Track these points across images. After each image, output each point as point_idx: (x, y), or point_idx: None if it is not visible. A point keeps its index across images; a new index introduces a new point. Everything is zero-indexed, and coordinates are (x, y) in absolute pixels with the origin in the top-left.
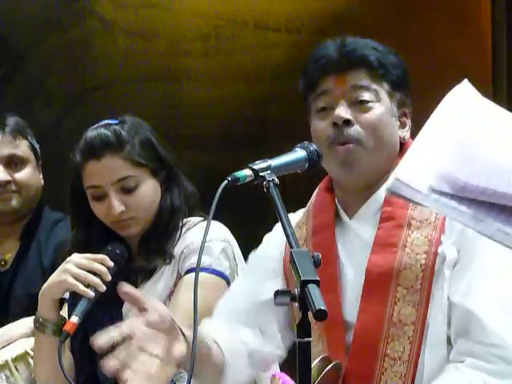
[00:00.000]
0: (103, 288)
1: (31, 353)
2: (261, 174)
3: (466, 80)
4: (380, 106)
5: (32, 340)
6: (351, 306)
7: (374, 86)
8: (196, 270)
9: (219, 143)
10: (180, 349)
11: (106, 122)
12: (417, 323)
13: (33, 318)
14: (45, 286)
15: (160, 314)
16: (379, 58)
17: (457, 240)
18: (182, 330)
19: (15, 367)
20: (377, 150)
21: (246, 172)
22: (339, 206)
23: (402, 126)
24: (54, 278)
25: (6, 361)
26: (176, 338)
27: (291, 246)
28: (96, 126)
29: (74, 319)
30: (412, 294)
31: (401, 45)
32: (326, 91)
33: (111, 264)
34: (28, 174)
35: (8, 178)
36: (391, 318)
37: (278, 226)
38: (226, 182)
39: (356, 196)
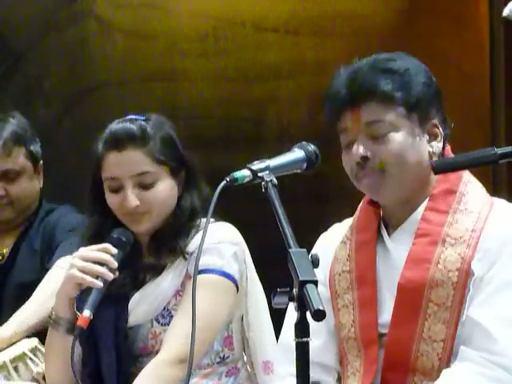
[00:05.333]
0: (110, 276)
1: (29, 354)
2: (259, 174)
3: None
4: (397, 133)
5: (31, 341)
6: (388, 324)
7: (387, 116)
8: (194, 271)
9: (217, 143)
10: None
11: (132, 116)
12: (446, 340)
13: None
14: (60, 285)
15: None
16: (390, 85)
17: (488, 258)
18: None
19: (14, 368)
20: (402, 175)
21: (245, 172)
22: (382, 223)
23: (434, 137)
24: (65, 276)
25: (4, 362)
26: None
27: (289, 246)
28: (122, 119)
29: (87, 313)
30: (443, 311)
31: (400, 46)
32: (345, 129)
33: (115, 251)
34: (22, 187)
35: (1, 192)
36: (421, 334)
37: (321, 241)
38: (224, 182)
39: (396, 215)
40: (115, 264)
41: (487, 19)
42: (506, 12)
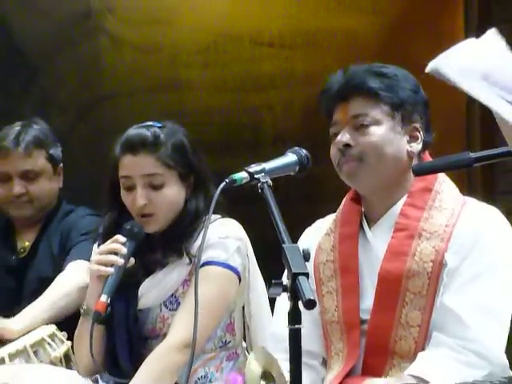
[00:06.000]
0: (121, 261)
1: (47, 339)
2: (256, 176)
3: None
4: (379, 127)
5: (49, 328)
6: (368, 310)
7: (372, 112)
8: (196, 268)
9: (217, 148)
10: None
11: (150, 123)
12: (421, 326)
13: None
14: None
15: None
16: (377, 84)
17: (461, 251)
18: None
19: (34, 352)
20: (379, 165)
21: (243, 174)
22: (364, 217)
23: (414, 139)
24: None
25: (25, 346)
26: None
27: (283, 242)
28: (140, 125)
29: (103, 298)
30: (419, 298)
31: (384, 58)
32: (335, 122)
33: (123, 239)
34: (41, 186)
35: (22, 190)
36: (399, 320)
37: (305, 235)
38: (224, 183)
39: (376, 209)
40: (124, 250)
41: (462, 33)
42: (428, 69)
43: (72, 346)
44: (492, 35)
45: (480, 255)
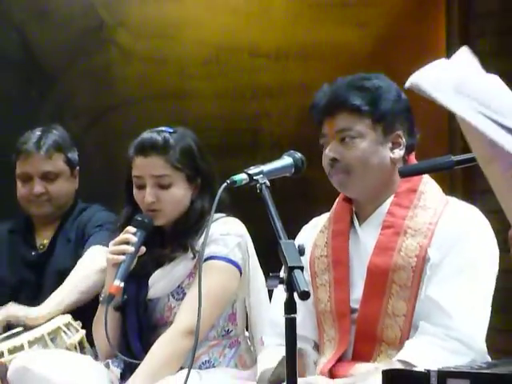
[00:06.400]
0: (131, 249)
1: (63, 328)
2: (255, 177)
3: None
4: (363, 140)
5: (64, 317)
6: (358, 300)
7: (356, 126)
8: (200, 258)
9: (219, 152)
10: None
11: (161, 128)
12: (406, 315)
13: None
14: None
15: None
16: (359, 100)
17: (443, 247)
18: None
19: (50, 339)
20: (365, 175)
21: (242, 176)
22: (354, 216)
23: (397, 145)
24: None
25: (42, 334)
26: None
27: (280, 238)
28: (152, 129)
29: (117, 282)
30: (404, 290)
31: (373, 68)
32: (324, 134)
33: (133, 230)
34: (59, 187)
35: (42, 190)
36: (386, 310)
37: (303, 231)
38: (225, 184)
39: (365, 209)
40: (134, 239)
41: (444, 47)
42: (407, 84)
43: (86, 334)
44: (463, 52)
45: (461, 251)
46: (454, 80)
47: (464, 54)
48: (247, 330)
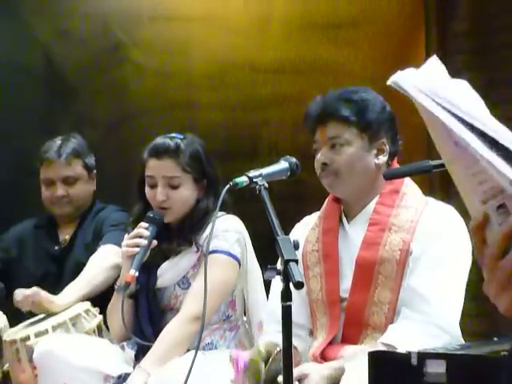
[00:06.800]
0: (144, 242)
1: (83, 314)
2: (254, 180)
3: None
4: (350, 147)
5: (84, 304)
6: (347, 290)
7: (345, 134)
8: (206, 252)
9: (222, 157)
10: None
11: (173, 134)
12: (391, 303)
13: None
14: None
15: None
16: (347, 111)
17: (424, 242)
18: None
19: (72, 324)
20: (351, 179)
21: (243, 178)
22: (343, 214)
23: (381, 152)
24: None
25: (64, 320)
26: None
27: (277, 234)
28: (165, 135)
29: (132, 272)
30: (389, 281)
31: (358, 81)
32: (316, 141)
33: (145, 225)
34: (78, 189)
35: (64, 193)
36: (373, 299)
37: (295, 229)
38: (228, 186)
39: (353, 208)
40: (146, 233)
41: (423, 58)
42: (389, 81)
43: (104, 320)
44: (434, 62)
45: (439, 245)
46: (428, 84)
47: (433, 63)
48: (245, 315)
